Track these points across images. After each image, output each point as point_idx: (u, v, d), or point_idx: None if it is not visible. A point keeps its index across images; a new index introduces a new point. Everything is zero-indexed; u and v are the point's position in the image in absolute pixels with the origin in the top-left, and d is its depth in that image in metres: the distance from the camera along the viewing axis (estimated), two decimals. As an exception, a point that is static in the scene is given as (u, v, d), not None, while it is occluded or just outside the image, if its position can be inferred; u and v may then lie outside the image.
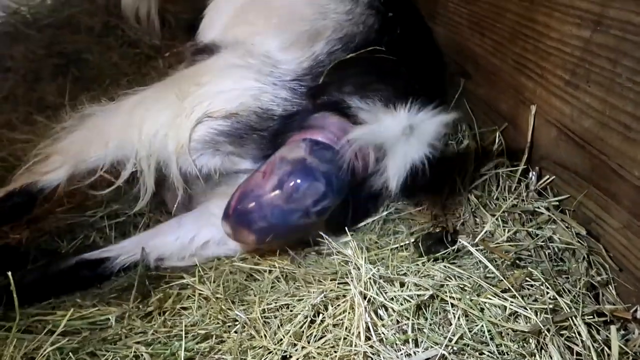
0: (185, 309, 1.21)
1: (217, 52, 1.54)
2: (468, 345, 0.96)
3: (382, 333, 0.96)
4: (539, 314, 1.01)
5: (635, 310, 1.04)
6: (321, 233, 1.20)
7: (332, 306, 1.07)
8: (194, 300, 1.21)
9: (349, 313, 1.01)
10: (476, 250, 1.19)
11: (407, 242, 1.31)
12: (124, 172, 1.37)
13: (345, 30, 1.54)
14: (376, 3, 1.65)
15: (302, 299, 1.11)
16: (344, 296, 1.07)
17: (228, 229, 1.27)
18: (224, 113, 1.37)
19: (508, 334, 0.99)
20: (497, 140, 1.56)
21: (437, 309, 1.04)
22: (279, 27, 1.55)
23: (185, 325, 1.09)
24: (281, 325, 1.08)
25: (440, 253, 1.21)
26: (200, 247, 1.44)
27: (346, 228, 1.30)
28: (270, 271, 1.28)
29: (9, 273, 1.05)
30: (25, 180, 1.37)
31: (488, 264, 1.13)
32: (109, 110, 1.45)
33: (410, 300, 1.03)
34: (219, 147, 1.39)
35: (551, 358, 0.95)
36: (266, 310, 1.13)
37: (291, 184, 1.21)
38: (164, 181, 1.45)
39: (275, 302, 1.13)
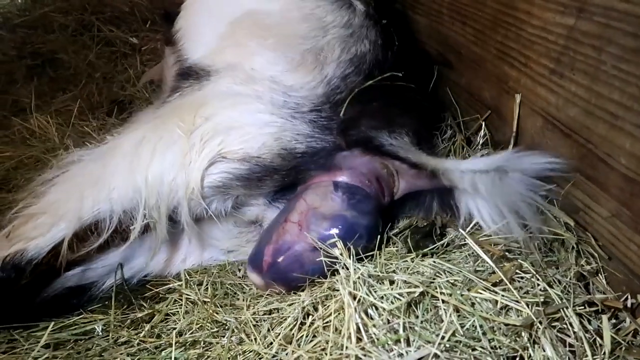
0: (172, 314, 1.19)
1: (210, 77, 1.40)
2: (460, 342, 0.95)
3: (373, 334, 0.94)
4: (530, 306, 1.00)
5: (626, 299, 1.04)
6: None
7: (322, 306, 1.05)
8: (181, 305, 1.19)
9: (338, 314, 1.00)
10: (466, 242, 1.17)
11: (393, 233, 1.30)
12: (135, 225, 1.21)
13: (354, 50, 1.44)
14: (371, 11, 1.57)
15: (293, 303, 1.09)
16: (334, 296, 1.06)
17: (260, 281, 1.19)
18: (242, 155, 1.24)
19: (500, 329, 0.98)
20: (481, 130, 1.55)
21: (428, 305, 1.02)
22: (278, 47, 1.41)
23: (173, 333, 1.07)
24: (271, 328, 1.06)
25: (429, 248, 1.20)
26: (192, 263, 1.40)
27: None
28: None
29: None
30: (6, 250, 1.14)
31: (483, 254, 1.10)
32: (104, 154, 1.28)
33: (401, 298, 1.01)
34: (231, 191, 1.27)
35: (544, 351, 0.93)
36: (257, 312, 1.11)
37: (334, 241, 1.14)
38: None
39: (265, 306, 1.11)
